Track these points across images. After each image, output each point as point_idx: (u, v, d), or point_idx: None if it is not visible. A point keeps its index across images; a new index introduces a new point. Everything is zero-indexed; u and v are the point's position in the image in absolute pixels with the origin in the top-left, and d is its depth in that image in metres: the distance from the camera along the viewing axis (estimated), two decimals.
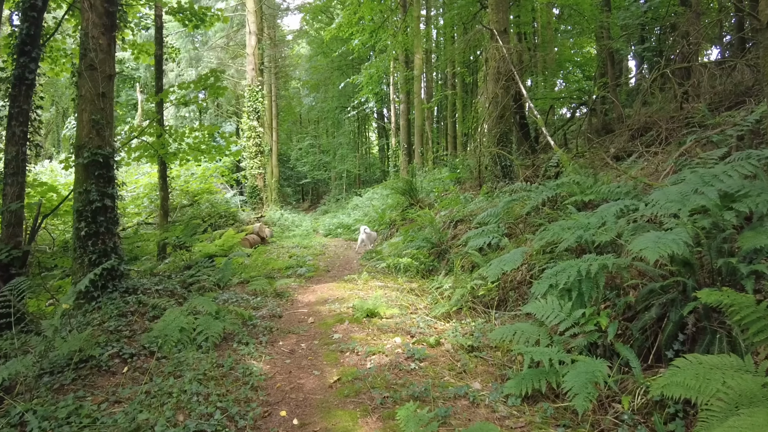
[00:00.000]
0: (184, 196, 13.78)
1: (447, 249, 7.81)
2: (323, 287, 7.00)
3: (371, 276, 7.58)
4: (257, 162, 19.16)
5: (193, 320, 4.26)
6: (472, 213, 8.45)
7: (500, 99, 9.69)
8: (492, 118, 10.08)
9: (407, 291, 6.53)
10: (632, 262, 3.55)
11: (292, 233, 16.05)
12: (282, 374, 3.65)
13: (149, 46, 10.43)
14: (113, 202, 5.10)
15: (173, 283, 5.58)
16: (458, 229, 8.32)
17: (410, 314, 5.23)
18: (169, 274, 7.34)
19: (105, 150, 5.00)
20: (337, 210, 25.77)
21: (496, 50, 9.86)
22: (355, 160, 31.79)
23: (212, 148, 8.83)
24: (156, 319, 4.51)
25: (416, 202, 13.21)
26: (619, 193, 5.29)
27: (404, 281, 7.20)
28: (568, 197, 6.22)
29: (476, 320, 4.89)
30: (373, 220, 15.93)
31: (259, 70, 20.18)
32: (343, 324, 4.82)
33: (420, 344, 4.18)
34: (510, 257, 4.96)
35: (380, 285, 7.01)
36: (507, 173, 9.92)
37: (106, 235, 4.96)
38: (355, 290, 6.63)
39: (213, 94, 8.21)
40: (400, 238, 10.76)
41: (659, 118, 9.85)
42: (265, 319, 5.10)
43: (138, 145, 8.06)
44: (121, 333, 4.08)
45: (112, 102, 5.15)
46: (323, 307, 5.64)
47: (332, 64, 28.92)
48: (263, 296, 6.25)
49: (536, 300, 3.66)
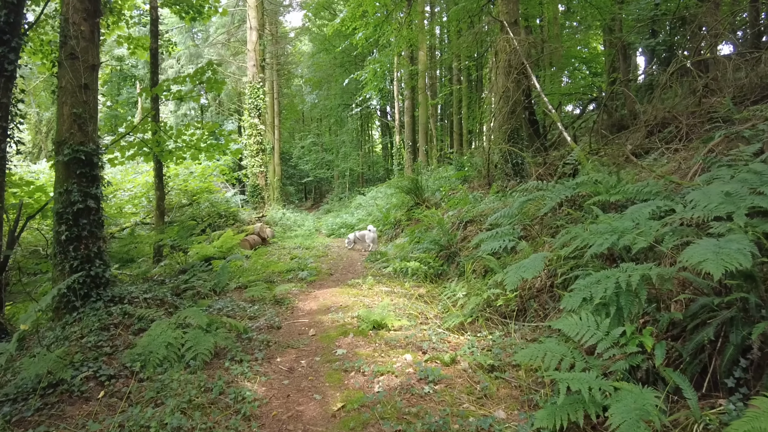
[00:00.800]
0: (183, 196, 13.39)
1: (456, 252, 7.38)
2: (326, 293, 6.57)
3: (376, 280, 7.16)
4: (259, 160, 18.76)
5: (182, 334, 3.84)
6: (483, 213, 8.01)
7: (511, 93, 9.24)
8: (502, 113, 9.63)
9: (415, 298, 6.11)
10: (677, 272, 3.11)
11: (294, 233, 15.65)
12: (279, 399, 3.23)
13: (145, 41, 10.02)
14: (97, 204, 4.69)
15: (164, 291, 5.17)
16: (468, 231, 7.88)
17: (420, 325, 4.81)
18: (162, 278, 6.94)
19: (88, 146, 4.59)
20: (340, 209, 25.37)
21: (507, 42, 9.40)
22: (358, 158, 31.37)
23: (211, 146, 8.41)
24: (142, 332, 4.10)
25: (422, 202, 12.77)
26: (648, 192, 4.84)
27: (411, 286, 6.78)
28: (588, 197, 5.80)
29: (493, 333, 4.46)
30: (378, 219, 15.50)
31: (260, 67, 19.76)
32: (347, 337, 4.39)
33: (433, 362, 3.75)
34: (530, 263, 4.53)
35: (386, 290, 6.58)
36: (518, 171, 9.48)
37: (89, 239, 4.55)
38: (360, 297, 6.21)
39: (210, 89, 7.80)
40: (406, 239, 10.33)
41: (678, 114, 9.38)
42: (262, 331, 4.68)
43: (132, 143, 7.66)
44: (100, 349, 3.66)
45: (96, 94, 4.73)
46: (326, 316, 5.22)
47: (335, 61, 28.47)
48: (261, 304, 5.83)
49: (568, 316, 3.22)
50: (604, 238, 3.61)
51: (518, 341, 4.19)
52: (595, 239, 3.83)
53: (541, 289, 5.09)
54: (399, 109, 23.24)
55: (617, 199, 5.05)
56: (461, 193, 9.98)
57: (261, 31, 20.47)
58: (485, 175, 11.01)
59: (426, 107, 21.08)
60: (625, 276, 3.07)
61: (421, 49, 21.05)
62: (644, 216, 3.98)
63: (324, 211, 28.26)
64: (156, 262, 9.02)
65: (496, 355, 3.82)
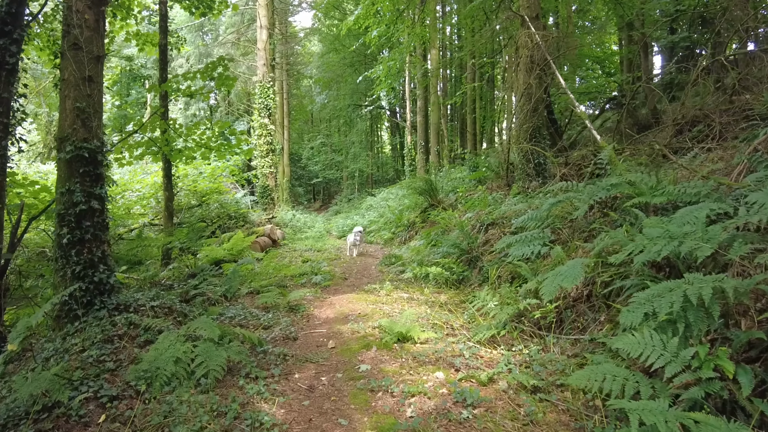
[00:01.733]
0: (193, 197, 13.12)
1: (478, 256, 7.00)
2: (342, 299, 6.22)
3: (394, 286, 6.80)
4: (268, 161, 18.48)
5: (192, 348, 3.50)
6: (505, 216, 7.63)
7: (534, 90, 8.85)
8: (523, 111, 9.23)
9: (438, 305, 5.74)
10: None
11: (305, 235, 15.34)
12: (300, 424, 2.88)
13: (154, 37, 9.76)
14: (102, 205, 4.38)
15: (172, 298, 4.84)
16: (490, 234, 7.49)
17: (447, 337, 4.44)
18: (171, 283, 6.63)
19: (92, 143, 4.28)
20: (350, 210, 25.07)
21: (529, 37, 9.02)
22: (367, 159, 31.05)
23: (222, 145, 8.12)
24: (148, 344, 3.77)
25: (436, 203, 12.40)
26: (694, 194, 4.43)
27: (432, 292, 6.41)
28: (624, 199, 5.42)
29: (528, 346, 4.09)
30: (390, 221, 15.14)
31: (270, 66, 19.51)
32: (370, 350, 4.04)
33: (469, 382, 3.38)
34: (568, 271, 4.15)
35: (406, 297, 6.23)
36: (540, 172, 9.08)
37: (92, 242, 4.24)
38: (379, 304, 5.85)
39: (221, 85, 7.50)
40: (422, 242, 9.97)
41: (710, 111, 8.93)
42: (277, 342, 4.34)
43: (140, 142, 7.38)
44: (103, 365, 3.34)
45: (101, 88, 4.43)
46: (344, 326, 4.86)
47: (345, 60, 28.18)
48: (275, 311, 5.49)
49: (627, 333, 2.83)
50: (662, 244, 3.22)
51: (558, 357, 3.81)
52: (649, 245, 3.44)
53: (578, 298, 4.71)
54: (410, 109, 22.89)
55: (661, 201, 4.64)
56: (480, 194, 9.60)
57: (271, 30, 20.22)
58: (504, 176, 10.61)
59: (438, 107, 20.71)
60: (695, 289, 2.68)
61: (433, 48, 20.69)
62: (701, 220, 3.58)
63: (333, 212, 27.97)
64: (164, 265, 8.73)
65: (538, 373, 3.45)
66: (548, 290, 4.04)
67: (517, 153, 9.36)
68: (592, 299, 4.60)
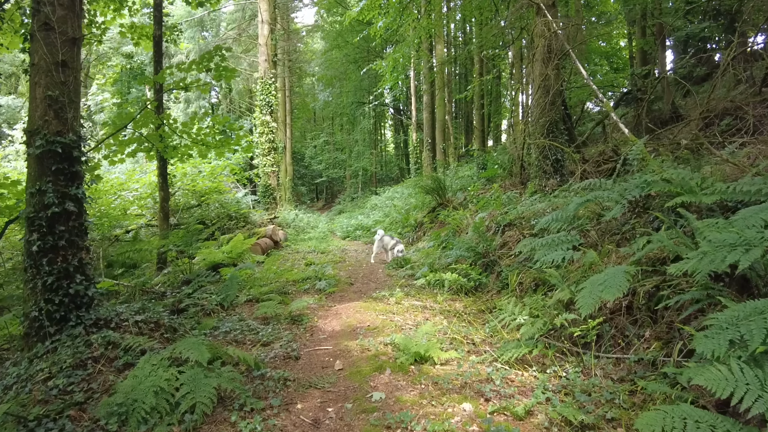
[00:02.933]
0: (192, 196, 12.63)
1: (496, 260, 6.47)
2: (349, 308, 5.70)
3: (405, 293, 6.27)
4: (270, 159, 17.98)
5: (177, 375, 2.99)
6: (522, 216, 7.09)
7: (551, 82, 8.29)
8: (540, 105, 8.68)
9: (454, 315, 5.21)
10: None
11: (308, 236, 14.83)
12: None
13: (149, 29, 9.26)
14: (79, 206, 3.86)
15: (159, 311, 4.33)
16: (507, 236, 6.96)
17: (470, 356, 3.91)
18: (164, 290, 6.13)
19: (66, 137, 3.76)
20: (353, 209, 24.57)
21: (545, 26, 8.45)
22: (371, 157, 30.51)
23: (221, 142, 7.60)
24: (128, 368, 3.26)
25: (445, 202, 11.87)
26: (756, 192, 3.88)
27: (445, 299, 5.89)
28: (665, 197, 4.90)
29: (564, 367, 3.56)
30: (395, 221, 14.62)
31: (272, 62, 19.00)
32: (383, 374, 3.51)
33: (503, 415, 2.85)
34: (609, 280, 3.62)
35: (418, 305, 5.70)
36: (558, 169, 8.53)
37: (67, 249, 3.73)
38: (389, 314, 5.33)
39: (219, 77, 6.99)
40: (431, 244, 9.44)
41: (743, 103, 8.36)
42: (277, 363, 3.82)
43: (132, 138, 6.88)
44: (70, 397, 2.83)
45: (77, 74, 3.91)
46: (353, 342, 4.34)
47: (348, 57, 27.63)
48: (275, 323, 4.97)
49: (710, 367, 2.28)
50: (739, 252, 2.68)
51: (603, 382, 3.27)
52: (712, 253, 2.90)
53: (616, 310, 4.17)
54: (416, 106, 22.35)
55: (712, 201, 4.09)
56: (493, 193, 9.05)
57: (273, 26, 19.71)
58: (518, 174, 10.07)
59: (443, 104, 20.16)
60: None
61: (439, 44, 20.13)
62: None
63: (336, 211, 27.48)
64: (160, 269, 8.24)
65: (583, 404, 2.92)
66: (587, 303, 3.50)
67: (534, 149, 8.81)
68: (633, 311, 4.06)
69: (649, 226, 4.93)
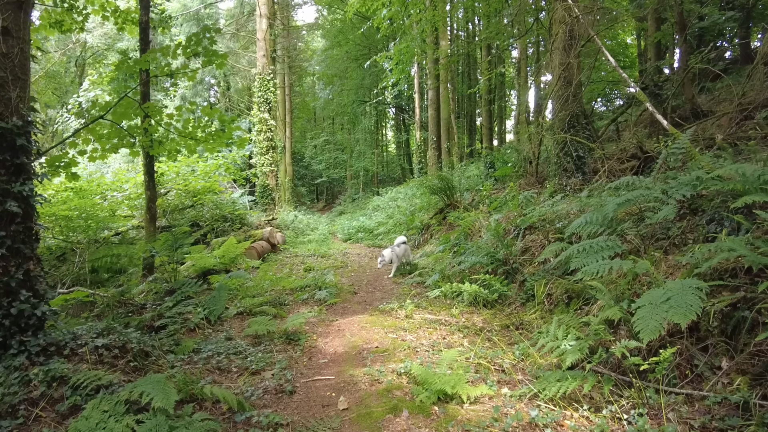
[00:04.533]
0: (186, 197, 11.92)
1: (518, 267, 5.76)
2: (353, 323, 4.99)
3: (415, 304, 5.56)
4: (269, 158, 17.29)
5: (133, 426, 2.28)
6: (544, 218, 6.38)
7: (573, 71, 7.59)
8: (559, 97, 7.98)
9: (474, 332, 4.51)
10: None
11: (308, 238, 14.11)
12: None
13: (135, 13, 8.56)
14: (26, 207, 3.15)
15: (127, 333, 3.60)
16: (529, 240, 6.24)
17: (502, 388, 3.21)
18: (144, 302, 5.42)
19: (9, 121, 3.06)
20: (355, 210, 23.87)
21: (566, 11, 7.75)
22: (373, 157, 29.79)
23: (211, 136, 6.88)
24: (75, 413, 2.55)
25: (453, 203, 11.16)
26: None
27: (461, 311, 5.20)
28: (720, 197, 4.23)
29: (620, 403, 2.87)
30: (400, 223, 13.91)
31: (270, 58, 18.32)
32: (399, 416, 2.80)
33: None
34: (677, 298, 2.95)
35: (432, 319, 4.99)
36: (580, 166, 7.83)
37: (9, 259, 3.02)
38: (399, 330, 4.62)
39: (208, 62, 6.28)
40: (441, 248, 8.73)
41: None
42: (267, 400, 3.11)
43: (112, 131, 6.16)
44: None
45: (26, 47, 3.20)
46: (359, 369, 3.62)
47: (349, 54, 26.94)
48: (268, 343, 4.27)
49: None
50: None
51: (680, 429, 2.57)
52: None
53: (675, 332, 3.47)
54: (419, 104, 21.65)
55: None
56: (508, 192, 8.34)
57: (272, 20, 19.02)
58: (533, 172, 9.35)
59: (448, 102, 19.47)
60: None
61: (443, 39, 19.44)
62: None
63: (337, 212, 26.77)
64: (145, 276, 7.53)
65: None
66: (648, 326, 2.83)
67: (553, 145, 8.10)
68: (701, 334, 3.37)
69: (703, 229, 4.25)
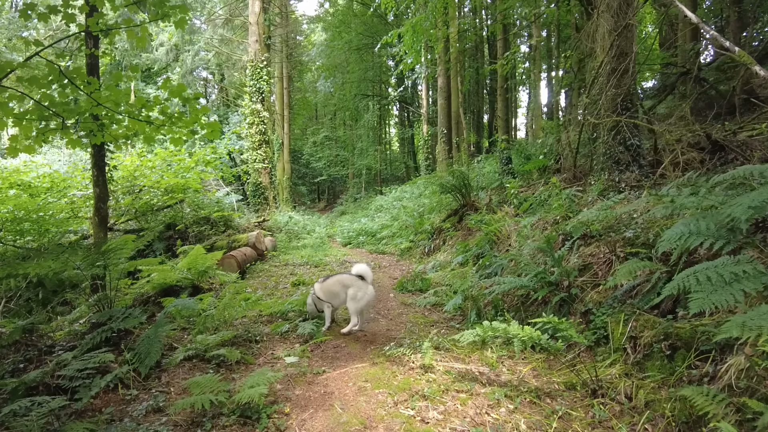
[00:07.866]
0: (160, 196, 10.35)
1: (576, 294, 4.15)
2: (346, 381, 3.40)
3: (434, 344, 3.96)
4: (261, 153, 15.71)
5: None
6: (609, 224, 4.76)
7: (631, 37, 5.98)
8: (608, 72, 6.36)
9: (530, 400, 2.92)
10: None
11: (302, 243, 12.49)
12: None
13: None
14: None
15: None
16: (587, 254, 4.62)
17: None
18: (53, 341, 3.83)
19: None
20: (356, 211, 22.30)
21: None
22: (375, 154, 28.19)
23: (168, 118, 5.19)
24: None
25: (470, 204, 9.56)
26: None
27: (499, 356, 3.62)
28: None
29: None
30: (406, 226, 12.29)
31: (264, 45, 16.75)
32: None
33: None
34: None
35: (461, 371, 3.41)
36: (635, 158, 6.23)
37: None
38: (416, 398, 3.03)
39: (161, 15, 4.72)
40: (459, 258, 7.13)
41: None
42: None
43: (31, 109, 4.53)
44: None
45: None
46: None
47: (350, 44, 25.35)
48: (210, 427, 2.67)
49: None
50: None
51: None
52: None
53: None
54: (426, 95, 20.03)
55: None
56: (546, 190, 6.72)
57: (266, 4, 17.47)
58: (570, 166, 7.73)
59: (457, 95, 17.91)
60: None
61: (452, 26, 17.87)
62: None
63: (338, 213, 25.21)
64: (94, 292, 5.97)
65: None
66: None
67: (602, 131, 6.48)
68: None
69: None
